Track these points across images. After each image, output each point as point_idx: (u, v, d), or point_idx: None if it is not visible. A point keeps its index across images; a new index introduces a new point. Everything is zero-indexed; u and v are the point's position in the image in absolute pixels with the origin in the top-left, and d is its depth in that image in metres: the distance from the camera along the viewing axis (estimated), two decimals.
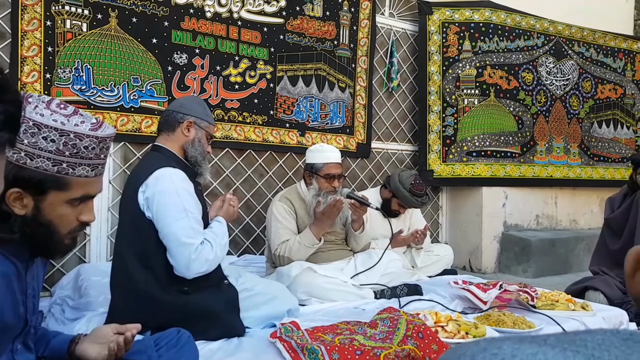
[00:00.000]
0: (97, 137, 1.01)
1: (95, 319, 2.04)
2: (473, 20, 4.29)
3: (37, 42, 2.67)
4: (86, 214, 1.03)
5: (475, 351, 0.38)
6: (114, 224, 2.85)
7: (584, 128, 4.87)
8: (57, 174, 0.96)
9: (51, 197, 0.96)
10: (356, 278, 2.60)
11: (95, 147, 1.01)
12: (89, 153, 1.00)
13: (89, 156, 1.00)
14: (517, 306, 2.33)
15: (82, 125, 1.00)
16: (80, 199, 1.01)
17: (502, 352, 0.37)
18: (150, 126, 2.98)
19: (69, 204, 0.99)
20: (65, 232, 1.01)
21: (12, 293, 0.98)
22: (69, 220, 1.00)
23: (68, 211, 0.99)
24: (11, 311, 0.97)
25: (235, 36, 3.29)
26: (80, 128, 0.99)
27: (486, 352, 0.37)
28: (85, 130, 0.99)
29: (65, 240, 1.02)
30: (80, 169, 0.99)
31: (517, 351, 0.36)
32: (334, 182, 2.60)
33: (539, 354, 0.36)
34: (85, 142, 0.99)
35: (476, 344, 0.39)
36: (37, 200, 0.95)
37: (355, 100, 3.84)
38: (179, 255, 1.76)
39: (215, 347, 1.75)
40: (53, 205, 0.97)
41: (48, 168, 0.95)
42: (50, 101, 0.99)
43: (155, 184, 1.78)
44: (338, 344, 1.64)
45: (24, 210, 0.94)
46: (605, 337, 0.38)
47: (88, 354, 1.16)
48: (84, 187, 1.01)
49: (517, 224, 4.41)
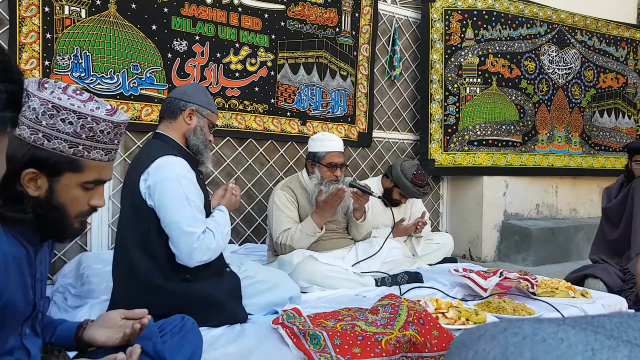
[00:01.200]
0: (113, 122, 1.03)
1: (97, 306, 2.05)
2: (476, 8, 4.26)
3: (35, 29, 2.64)
4: (97, 198, 1.04)
5: (496, 331, 0.38)
6: (115, 212, 2.85)
7: (585, 117, 4.85)
8: (73, 156, 0.98)
9: (65, 179, 0.98)
10: (357, 266, 2.61)
11: (110, 131, 1.03)
12: (104, 137, 1.02)
13: (104, 140, 1.03)
14: (517, 293, 2.34)
15: (97, 110, 1.02)
16: (93, 182, 1.02)
17: (524, 331, 0.37)
18: (150, 114, 2.97)
19: (81, 187, 1.01)
20: (76, 216, 1.02)
21: (22, 276, 0.98)
22: (81, 204, 1.02)
23: (80, 194, 1.01)
24: (22, 294, 0.98)
25: (235, 23, 3.27)
26: (97, 113, 1.01)
27: (507, 332, 0.37)
28: (101, 114, 1.02)
29: (75, 223, 1.03)
30: (95, 152, 1.01)
31: (538, 330, 0.37)
32: (336, 171, 2.60)
33: (560, 332, 0.36)
34: (102, 126, 1.02)
35: (495, 325, 0.39)
36: (52, 181, 0.97)
37: (356, 89, 3.82)
38: (181, 243, 1.76)
39: (218, 334, 1.76)
40: (67, 188, 0.99)
41: (64, 150, 0.97)
42: (66, 87, 1.01)
43: (157, 173, 1.77)
44: (340, 330, 1.65)
45: (38, 192, 0.96)
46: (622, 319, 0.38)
47: (97, 339, 1.16)
48: (98, 171, 1.03)
49: (518, 212, 4.42)
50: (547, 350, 0.35)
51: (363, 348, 1.56)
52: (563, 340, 0.35)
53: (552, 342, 0.35)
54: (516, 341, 0.36)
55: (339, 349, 1.55)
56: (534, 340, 0.36)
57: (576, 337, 0.35)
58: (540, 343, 0.35)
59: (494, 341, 0.37)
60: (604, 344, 0.35)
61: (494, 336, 0.38)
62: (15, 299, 0.95)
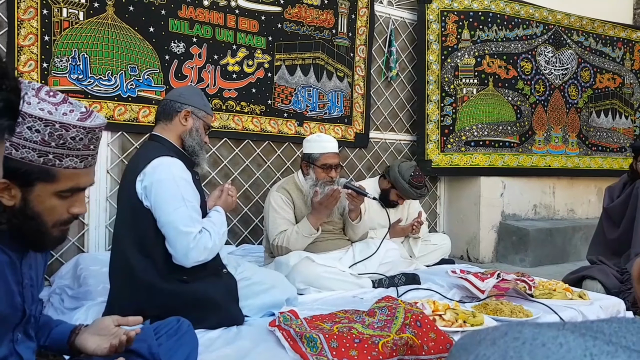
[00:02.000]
0: (85, 128, 0.97)
1: (94, 308, 2.04)
2: (472, 9, 4.27)
3: (33, 31, 2.64)
4: (77, 206, 1.00)
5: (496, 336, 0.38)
6: (112, 213, 2.85)
7: (582, 118, 4.87)
8: (44, 165, 0.93)
9: (38, 188, 0.94)
10: (354, 267, 2.61)
11: (83, 137, 0.97)
12: (77, 144, 0.96)
13: (77, 147, 0.97)
14: (515, 295, 2.34)
15: (70, 114, 0.96)
16: (69, 190, 0.97)
17: (524, 335, 0.37)
18: (148, 116, 2.96)
19: (57, 196, 0.96)
20: (54, 224, 0.98)
21: (6, 284, 0.96)
22: (59, 213, 0.97)
23: (57, 203, 0.97)
24: (6, 302, 0.96)
25: (232, 25, 3.27)
26: (68, 118, 0.95)
27: (507, 336, 0.37)
28: (72, 120, 0.95)
29: (55, 232, 0.99)
30: (68, 160, 0.96)
31: (538, 335, 0.37)
32: (331, 172, 2.60)
33: (559, 337, 0.36)
34: (72, 133, 0.95)
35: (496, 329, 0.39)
36: (25, 191, 0.93)
37: (353, 90, 3.83)
38: (177, 244, 1.76)
39: (214, 336, 1.76)
40: (41, 197, 0.94)
41: (34, 159, 0.92)
42: (39, 88, 0.95)
43: (153, 173, 1.78)
44: (336, 333, 1.65)
45: (13, 201, 0.91)
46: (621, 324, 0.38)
47: (87, 346, 1.15)
48: (73, 179, 0.97)
49: (515, 213, 4.43)
50: (547, 355, 0.35)
51: (360, 351, 1.56)
52: (562, 345, 0.36)
53: (551, 346, 0.36)
54: (516, 345, 0.37)
55: (336, 351, 1.55)
56: (534, 344, 0.36)
57: (575, 342, 0.36)
58: (540, 347, 0.36)
59: (495, 346, 0.37)
60: (603, 349, 0.35)
61: (495, 340, 0.38)
62: (1, 307, 0.93)
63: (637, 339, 0.37)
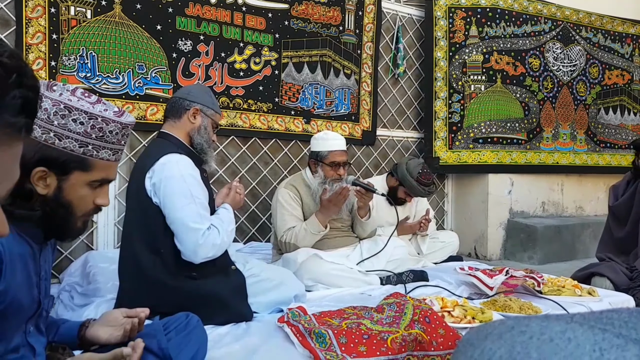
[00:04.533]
0: (122, 123, 1.07)
1: (103, 305, 2.05)
2: (480, 5, 4.24)
3: (41, 30, 2.66)
4: (102, 197, 1.07)
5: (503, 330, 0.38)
6: (121, 211, 2.86)
7: (590, 114, 4.83)
8: (83, 155, 1.02)
9: (74, 177, 1.01)
10: (362, 264, 2.61)
11: (118, 132, 1.07)
12: (113, 137, 1.06)
13: (112, 140, 1.06)
14: (524, 292, 2.33)
15: (106, 112, 1.05)
16: (100, 181, 1.05)
17: (531, 329, 0.36)
18: (156, 114, 2.97)
19: (89, 186, 1.03)
20: (81, 214, 1.05)
21: (28, 274, 0.99)
22: (87, 203, 1.04)
23: (87, 193, 1.04)
24: (27, 292, 0.99)
25: (239, 22, 3.27)
26: (106, 114, 1.05)
27: (514, 330, 0.37)
28: (110, 115, 1.06)
29: (79, 222, 1.05)
30: (104, 152, 1.05)
31: (545, 329, 0.36)
32: (339, 170, 2.60)
33: (568, 331, 0.36)
34: (111, 127, 1.05)
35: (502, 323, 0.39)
36: (60, 180, 1.00)
37: (360, 87, 3.82)
38: (186, 240, 1.77)
39: (223, 332, 1.77)
40: (74, 186, 1.01)
41: (75, 149, 1.01)
42: (75, 89, 1.05)
43: (162, 170, 1.79)
44: (345, 328, 1.65)
45: (47, 190, 0.98)
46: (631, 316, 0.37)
47: (99, 337, 1.18)
48: (105, 170, 1.06)
49: (523, 210, 4.40)
50: (555, 351, 0.34)
51: (369, 346, 1.56)
52: (571, 340, 0.35)
53: (559, 342, 0.35)
54: (523, 340, 0.36)
55: (345, 347, 1.55)
56: (541, 339, 0.35)
57: (584, 337, 0.35)
58: (548, 343, 0.35)
59: (501, 340, 0.37)
60: (612, 343, 0.34)
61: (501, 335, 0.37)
62: (21, 296, 0.96)
63: None
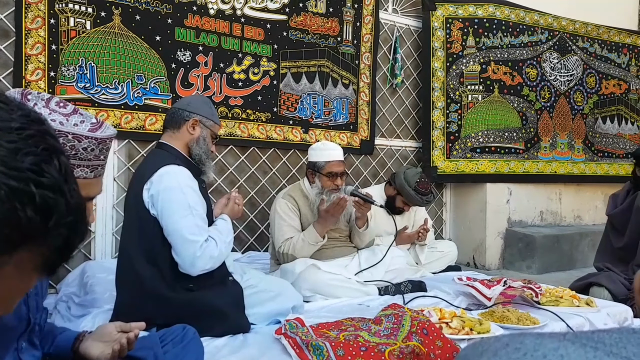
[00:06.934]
0: (97, 139, 0.98)
1: (100, 315, 2.05)
2: (477, 16, 4.28)
3: (41, 40, 2.67)
4: None
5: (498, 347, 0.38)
6: (118, 221, 2.86)
7: (588, 124, 4.85)
8: None
9: None
10: (360, 275, 2.61)
11: (94, 148, 0.98)
12: (88, 154, 0.98)
13: (88, 157, 0.98)
14: (522, 302, 2.33)
15: (81, 125, 0.96)
16: None
17: (525, 347, 0.37)
18: (155, 124, 2.98)
19: None
20: None
21: None
22: None
23: None
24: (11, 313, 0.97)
25: (238, 33, 3.29)
26: (80, 128, 0.96)
27: (509, 347, 0.37)
28: (83, 131, 0.96)
29: None
30: (79, 171, 0.97)
31: (539, 346, 0.37)
32: (336, 180, 2.60)
33: (560, 348, 0.36)
34: (84, 144, 0.96)
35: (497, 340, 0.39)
36: None
37: (358, 97, 3.84)
38: (183, 252, 1.76)
39: (220, 344, 1.76)
40: None
41: None
42: (49, 99, 0.96)
43: (160, 182, 1.79)
44: (343, 340, 1.64)
45: None
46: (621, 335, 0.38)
47: (91, 353, 1.16)
48: (84, 189, 0.97)
49: (521, 220, 4.40)
50: None
51: (366, 359, 1.55)
52: (563, 357, 0.36)
53: (552, 358, 0.36)
54: (517, 357, 0.37)
55: (342, 359, 1.55)
56: (535, 356, 0.36)
57: (576, 354, 0.36)
58: (541, 359, 0.36)
59: (496, 357, 0.37)
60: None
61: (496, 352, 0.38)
62: (5, 317, 0.93)
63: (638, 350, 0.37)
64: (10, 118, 0.44)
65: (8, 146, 0.42)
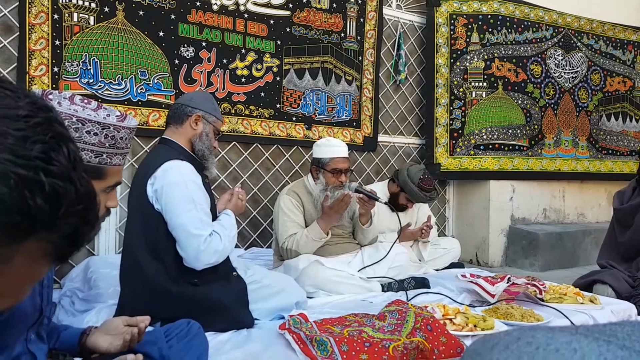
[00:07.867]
0: (129, 128, 1.08)
1: (104, 310, 2.05)
2: (481, 12, 4.26)
3: (44, 36, 2.67)
4: (112, 200, 1.07)
5: (509, 341, 0.38)
6: (122, 216, 2.86)
7: (592, 121, 4.83)
8: (98, 165, 1.02)
9: None
10: (363, 271, 2.61)
11: (126, 137, 1.08)
12: (122, 143, 1.07)
13: (122, 146, 1.07)
14: (525, 299, 2.32)
15: (109, 117, 1.04)
16: (112, 186, 1.06)
17: (537, 340, 0.37)
18: (158, 119, 2.98)
19: (102, 192, 1.03)
20: None
21: None
22: (101, 208, 1.04)
23: (101, 199, 1.03)
24: (29, 300, 0.98)
25: (241, 29, 3.28)
26: (113, 120, 1.04)
27: (520, 341, 0.37)
28: (119, 122, 1.06)
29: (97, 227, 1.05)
30: (116, 158, 1.06)
31: (551, 340, 0.37)
32: (340, 177, 2.60)
33: (573, 342, 0.36)
34: (122, 133, 1.06)
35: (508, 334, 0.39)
36: None
37: (362, 94, 3.83)
38: (188, 246, 1.77)
39: (224, 339, 1.76)
40: None
41: (91, 160, 1.01)
42: (72, 97, 1.02)
43: (164, 177, 1.79)
44: (347, 336, 1.64)
45: None
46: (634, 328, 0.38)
47: (99, 345, 1.17)
48: (116, 175, 1.07)
49: (525, 217, 4.39)
50: None
51: (370, 354, 1.55)
52: (576, 351, 0.35)
53: (565, 352, 0.35)
54: (529, 351, 0.36)
55: (346, 355, 1.55)
56: (547, 350, 0.36)
57: (589, 347, 0.35)
58: (554, 353, 0.35)
59: (507, 350, 0.37)
60: (617, 354, 0.35)
61: (508, 345, 0.38)
62: (24, 305, 0.96)
63: None
64: (17, 105, 0.43)
65: (16, 134, 0.41)
